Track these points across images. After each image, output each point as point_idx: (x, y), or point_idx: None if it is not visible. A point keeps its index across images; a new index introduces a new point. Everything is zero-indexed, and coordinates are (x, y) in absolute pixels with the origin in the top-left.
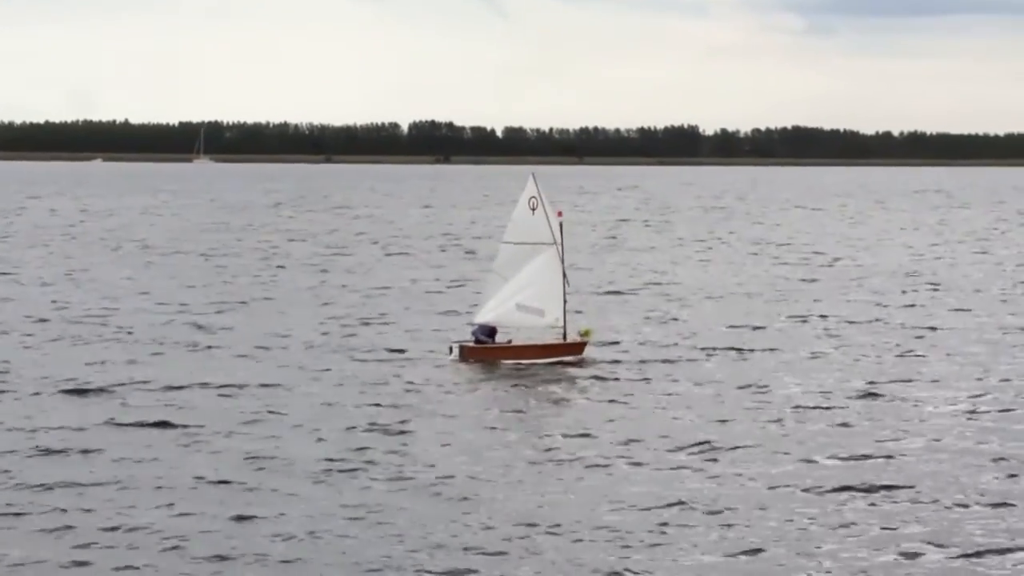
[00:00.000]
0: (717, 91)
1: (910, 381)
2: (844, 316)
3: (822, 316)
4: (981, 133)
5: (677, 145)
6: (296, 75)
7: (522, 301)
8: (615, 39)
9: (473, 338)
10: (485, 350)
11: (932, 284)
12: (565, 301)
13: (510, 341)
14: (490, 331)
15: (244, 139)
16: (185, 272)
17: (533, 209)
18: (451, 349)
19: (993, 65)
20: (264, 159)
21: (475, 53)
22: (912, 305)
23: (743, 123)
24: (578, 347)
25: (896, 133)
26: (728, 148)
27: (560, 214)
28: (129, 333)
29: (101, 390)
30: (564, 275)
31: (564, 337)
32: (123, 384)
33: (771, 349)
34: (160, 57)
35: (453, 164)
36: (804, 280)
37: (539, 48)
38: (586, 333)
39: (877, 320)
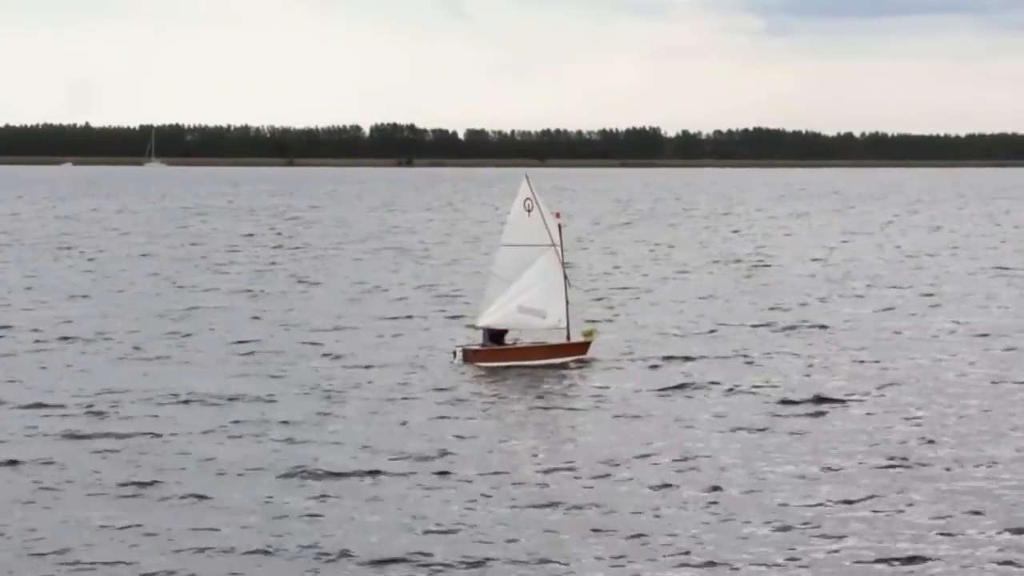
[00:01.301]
0: (678, 93)
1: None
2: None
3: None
4: (942, 134)
5: (639, 147)
6: (258, 78)
7: (524, 303)
8: (576, 41)
9: (482, 341)
10: (489, 353)
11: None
12: (567, 302)
13: (516, 341)
14: (499, 334)
15: (206, 142)
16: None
17: (528, 211)
18: (455, 353)
19: (954, 66)
20: (226, 162)
21: (437, 56)
22: (892, 308)
23: (705, 125)
24: (582, 347)
25: (857, 134)
26: (690, 150)
27: (558, 215)
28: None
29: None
30: (565, 276)
31: (568, 338)
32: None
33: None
34: (124, 61)
35: (415, 167)
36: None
37: (501, 51)
38: (590, 333)
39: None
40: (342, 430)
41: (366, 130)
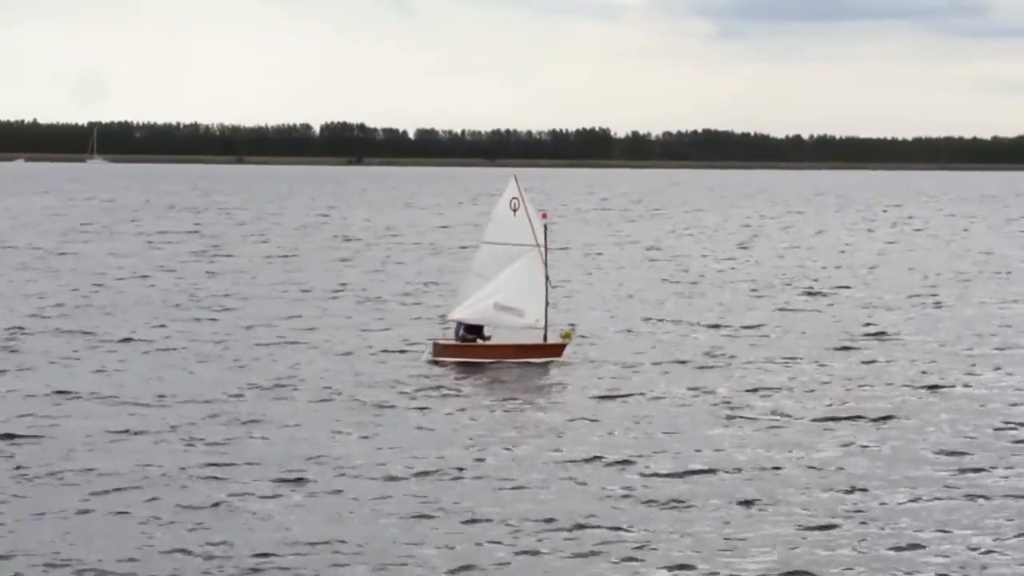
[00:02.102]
0: (629, 94)
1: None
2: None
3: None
4: (890, 137)
5: (589, 147)
6: (208, 76)
7: (500, 301)
8: (527, 41)
9: (457, 336)
10: (460, 348)
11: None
12: (547, 303)
13: (489, 338)
14: (476, 329)
15: (154, 139)
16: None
17: (515, 210)
18: (426, 346)
19: (902, 70)
20: (174, 160)
21: (387, 55)
22: (876, 307)
23: (655, 126)
24: (557, 349)
25: (806, 136)
26: (640, 151)
27: (545, 216)
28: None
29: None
30: (547, 277)
31: (544, 338)
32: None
33: (754, 354)
34: (74, 57)
35: (365, 166)
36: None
37: (451, 50)
38: (567, 335)
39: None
40: (275, 431)
41: (316, 129)
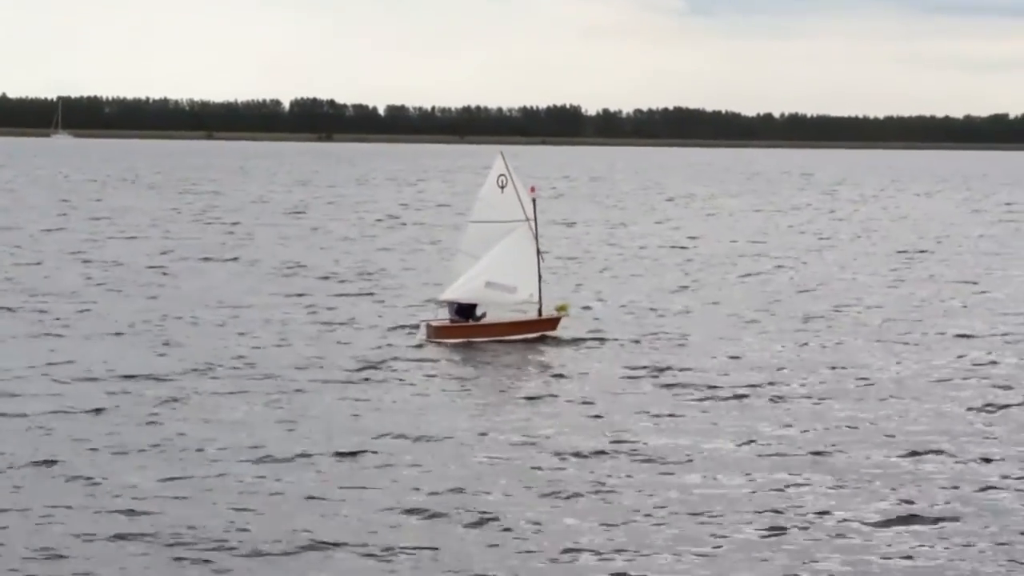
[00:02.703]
0: (599, 71)
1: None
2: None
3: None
4: (861, 115)
5: (559, 125)
6: (178, 51)
7: (492, 279)
8: (498, 18)
9: (448, 316)
10: (453, 329)
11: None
12: (540, 277)
13: (483, 316)
14: (468, 309)
15: (124, 115)
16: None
17: (502, 187)
18: (419, 327)
19: (874, 48)
20: (144, 135)
21: (358, 31)
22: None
23: (625, 103)
24: (551, 323)
25: (777, 115)
26: (610, 128)
27: (533, 190)
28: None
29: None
30: (539, 251)
31: (540, 313)
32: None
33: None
34: (44, 31)
35: (335, 142)
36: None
37: (422, 26)
38: (562, 308)
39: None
40: (274, 411)
41: (286, 105)
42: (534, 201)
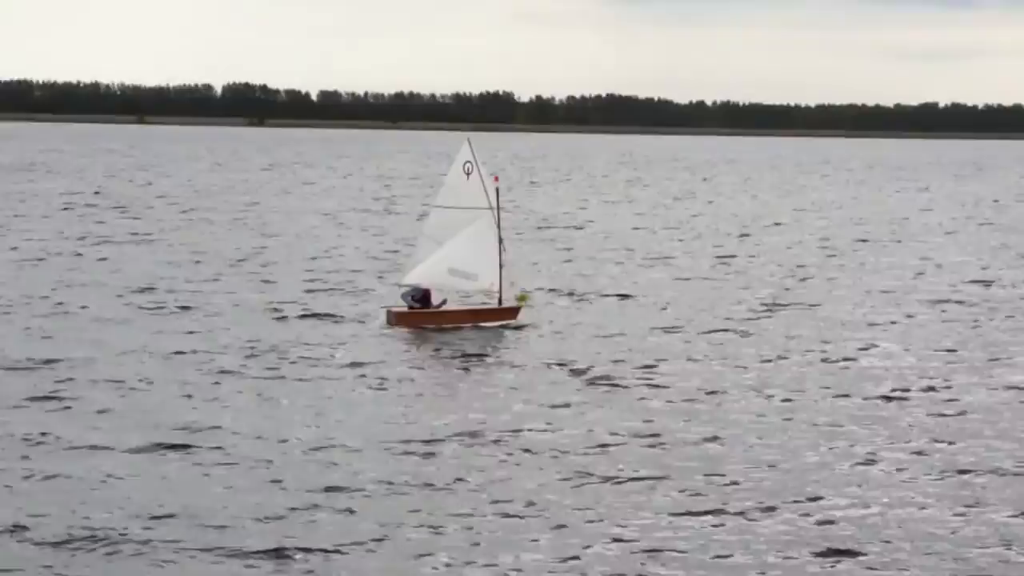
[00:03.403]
0: (532, 58)
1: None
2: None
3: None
4: (793, 103)
5: (492, 111)
6: (110, 35)
7: (455, 265)
8: (431, 3)
9: (405, 302)
10: (415, 315)
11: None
12: (502, 266)
13: (443, 304)
14: (424, 295)
15: (55, 99)
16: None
17: (468, 174)
18: (383, 315)
19: (806, 36)
20: (75, 119)
21: (290, 15)
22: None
23: (558, 90)
24: (512, 312)
25: (709, 102)
26: (543, 115)
27: (496, 179)
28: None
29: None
30: (500, 240)
31: (500, 302)
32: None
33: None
34: None
35: (268, 127)
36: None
37: (355, 11)
38: (523, 298)
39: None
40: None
41: (218, 90)
42: (497, 190)
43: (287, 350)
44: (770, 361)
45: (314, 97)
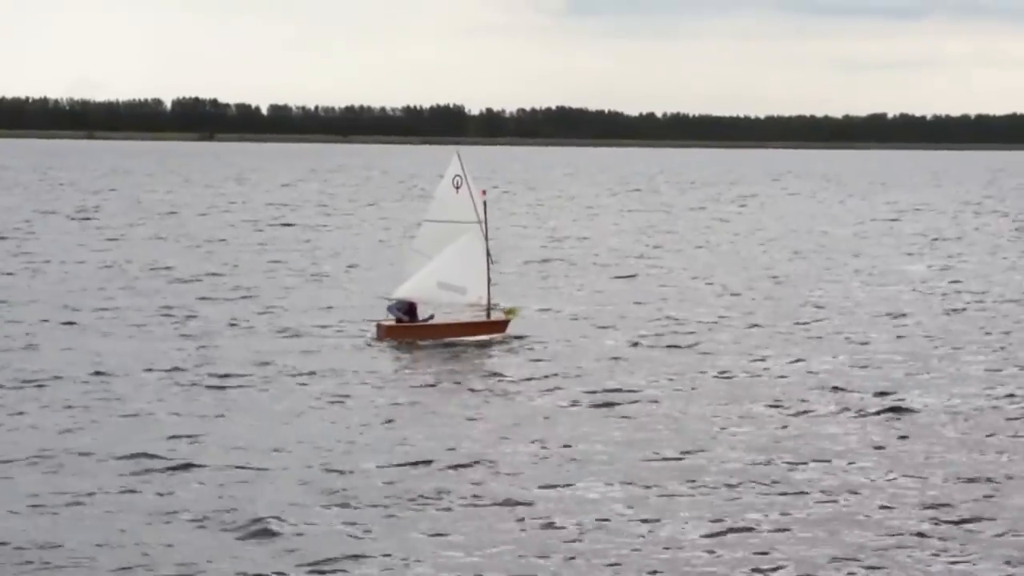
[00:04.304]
0: (482, 71)
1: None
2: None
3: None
4: (743, 115)
5: (443, 124)
6: (58, 49)
7: (443, 279)
8: (382, 17)
9: (392, 316)
10: (403, 329)
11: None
12: (489, 280)
13: (431, 317)
14: (408, 308)
15: (2, 114)
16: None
17: (457, 188)
18: (371, 329)
19: (755, 48)
20: (23, 135)
21: (240, 30)
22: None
23: (508, 103)
24: (500, 325)
25: (660, 114)
26: (494, 128)
27: (484, 193)
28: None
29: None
30: (488, 253)
31: (488, 315)
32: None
33: (706, 331)
34: None
35: (218, 141)
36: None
37: (304, 25)
38: (511, 312)
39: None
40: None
41: (168, 104)
42: (484, 204)
43: (278, 363)
44: (758, 375)
45: (264, 111)
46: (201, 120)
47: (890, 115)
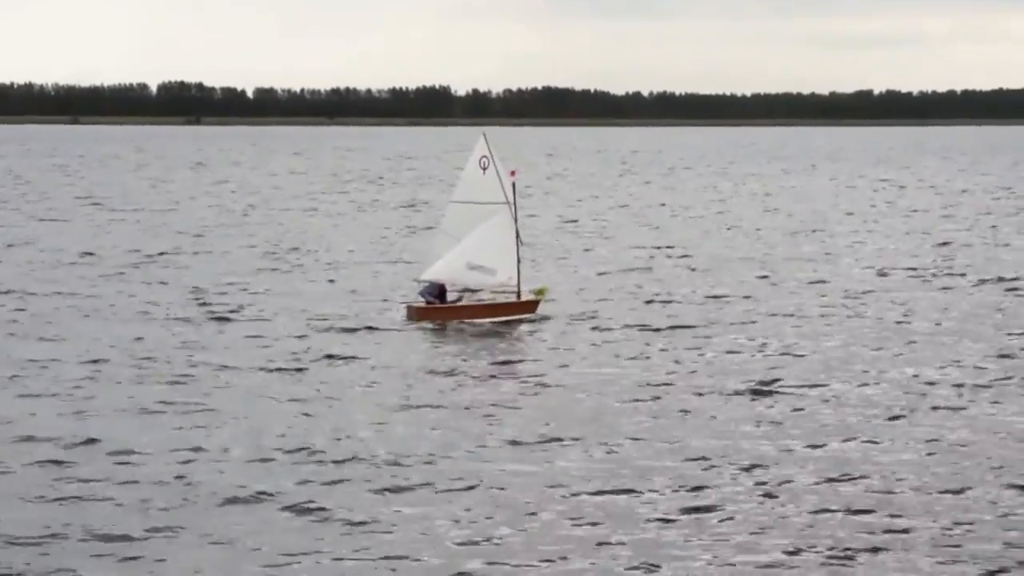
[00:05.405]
0: (468, 52)
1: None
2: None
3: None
4: (728, 93)
5: (429, 105)
6: (43, 35)
7: (473, 260)
8: None
9: (422, 298)
10: (433, 311)
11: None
12: (519, 260)
13: (459, 299)
14: (439, 290)
15: None
16: None
17: (484, 168)
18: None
19: (740, 26)
20: (8, 120)
21: (226, 13)
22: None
23: (495, 83)
24: (531, 306)
25: (646, 93)
26: (480, 108)
27: (513, 173)
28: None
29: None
30: (518, 234)
31: (518, 296)
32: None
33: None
34: None
35: (204, 125)
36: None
37: (290, 8)
38: (540, 292)
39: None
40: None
41: (153, 88)
42: (513, 185)
43: (311, 348)
44: (800, 355)
45: (250, 94)
46: (187, 104)
47: (876, 91)
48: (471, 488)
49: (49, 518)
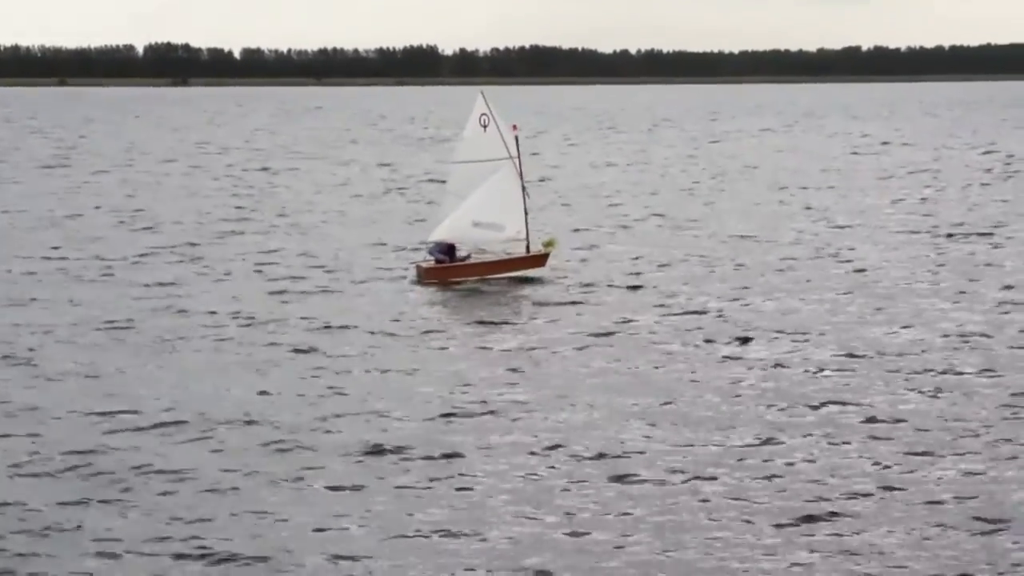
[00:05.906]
0: (455, 11)
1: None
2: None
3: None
4: (716, 51)
5: (417, 65)
6: None
7: (479, 218)
8: None
9: (432, 258)
10: (444, 269)
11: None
12: (527, 213)
13: (468, 256)
14: (447, 249)
15: None
16: None
17: (484, 126)
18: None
19: None
20: None
21: None
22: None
23: (482, 42)
24: (540, 259)
25: (633, 51)
26: (468, 68)
27: (515, 128)
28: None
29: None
30: (524, 188)
31: (527, 250)
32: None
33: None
34: None
35: (191, 87)
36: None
37: None
38: (549, 244)
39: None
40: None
41: (140, 50)
42: (516, 139)
43: (319, 310)
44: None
45: (237, 55)
46: (174, 65)
47: (864, 47)
48: (471, 452)
49: None
